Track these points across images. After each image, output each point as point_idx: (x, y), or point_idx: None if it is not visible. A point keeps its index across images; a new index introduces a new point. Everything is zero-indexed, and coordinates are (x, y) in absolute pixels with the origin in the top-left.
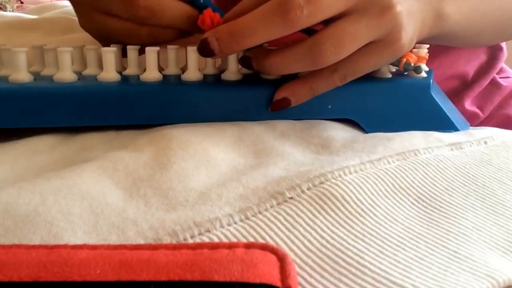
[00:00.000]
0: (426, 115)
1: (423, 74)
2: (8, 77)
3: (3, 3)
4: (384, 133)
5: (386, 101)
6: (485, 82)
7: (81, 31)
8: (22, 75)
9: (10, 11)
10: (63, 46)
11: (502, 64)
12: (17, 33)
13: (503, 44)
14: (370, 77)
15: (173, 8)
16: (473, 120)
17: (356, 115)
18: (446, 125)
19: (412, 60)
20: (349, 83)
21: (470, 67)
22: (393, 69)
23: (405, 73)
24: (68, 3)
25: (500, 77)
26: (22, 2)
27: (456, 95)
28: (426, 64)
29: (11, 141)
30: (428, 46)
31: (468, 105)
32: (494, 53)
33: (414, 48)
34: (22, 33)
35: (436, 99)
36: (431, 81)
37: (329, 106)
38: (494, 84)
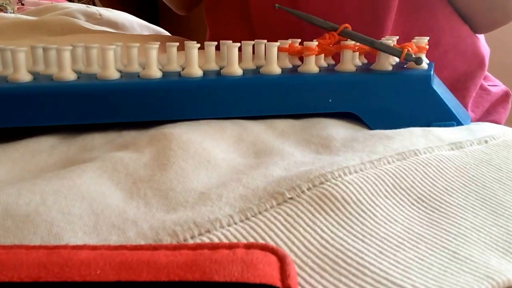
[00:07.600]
0: (428, 107)
1: (424, 66)
2: (7, 76)
3: (3, 5)
4: (384, 131)
5: (387, 94)
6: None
7: (81, 32)
8: (21, 74)
9: (11, 12)
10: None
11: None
12: (17, 34)
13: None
14: (371, 70)
15: None
16: None
17: (357, 109)
18: (448, 118)
19: (413, 50)
20: (350, 77)
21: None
22: (394, 62)
23: (405, 66)
24: (69, 5)
25: (488, 85)
26: (22, 4)
27: (459, 96)
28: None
29: (11, 142)
30: (428, 38)
31: (469, 109)
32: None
33: (413, 39)
34: (23, 34)
35: (438, 92)
36: (432, 73)
37: (330, 100)
38: (484, 89)
